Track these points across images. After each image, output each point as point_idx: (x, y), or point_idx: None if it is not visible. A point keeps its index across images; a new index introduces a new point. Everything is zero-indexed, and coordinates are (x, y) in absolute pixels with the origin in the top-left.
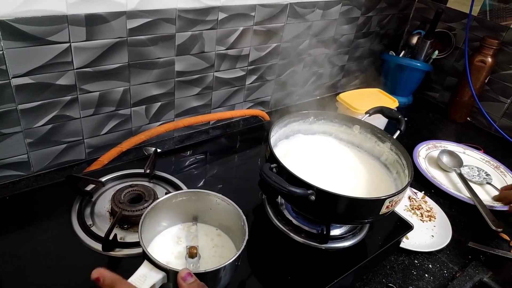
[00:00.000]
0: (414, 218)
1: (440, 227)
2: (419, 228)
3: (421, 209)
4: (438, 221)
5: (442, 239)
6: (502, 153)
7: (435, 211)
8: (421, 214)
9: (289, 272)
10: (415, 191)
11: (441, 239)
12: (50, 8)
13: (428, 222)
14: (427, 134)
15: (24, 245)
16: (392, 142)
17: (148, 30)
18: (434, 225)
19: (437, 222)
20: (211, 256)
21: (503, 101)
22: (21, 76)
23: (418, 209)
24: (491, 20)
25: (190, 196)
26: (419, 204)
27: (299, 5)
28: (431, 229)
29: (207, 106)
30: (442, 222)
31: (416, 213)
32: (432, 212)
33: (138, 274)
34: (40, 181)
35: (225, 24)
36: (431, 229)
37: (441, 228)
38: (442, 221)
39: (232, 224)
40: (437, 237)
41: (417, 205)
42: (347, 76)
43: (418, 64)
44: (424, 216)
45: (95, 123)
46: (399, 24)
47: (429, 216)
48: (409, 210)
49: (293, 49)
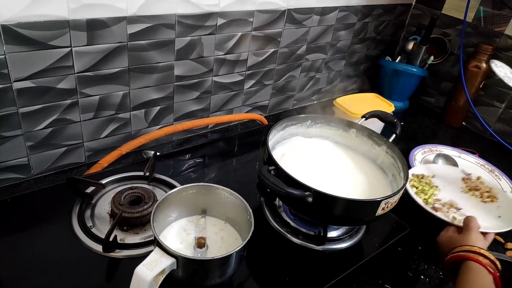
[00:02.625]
0: (474, 199)
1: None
2: (482, 210)
3: (479, 189)
4: (502, 201)
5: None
6: (497, 157)
7: (496, 192)
8: (480, 195)
9: (287, 273)
10: (468, 173)
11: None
12: (52, 13)
13: (491, 203)
14: (423, 138)
15: (25, 246)
16: (388, 145)
17: (148, 35)
18: (498, 206)
19: (501, 202)
20: (218, 247)
21: (497, 106)
22: (23, 80)
23: (477, 189)
24: (485, 26)
25: (200, 190)
26: (476, 185)
27: (296, 11)
28: (495, 209)
29: (206, 110)
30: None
31: (475, 194)
32: (492, 193)
33: (149, 259)
34: (40, 183)
35: (223, 29)
36: (495, 209)
37: (506, 209)
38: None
39: (239, 217)
40: (505, 218)
41: (473, 185)
42: (344, 81)
43: (414, 70)
44: (485, 197)
45: (95, 127)
46: (395, 30)
47: (490, 196)
48: (466, 192)
49: (291, 54)
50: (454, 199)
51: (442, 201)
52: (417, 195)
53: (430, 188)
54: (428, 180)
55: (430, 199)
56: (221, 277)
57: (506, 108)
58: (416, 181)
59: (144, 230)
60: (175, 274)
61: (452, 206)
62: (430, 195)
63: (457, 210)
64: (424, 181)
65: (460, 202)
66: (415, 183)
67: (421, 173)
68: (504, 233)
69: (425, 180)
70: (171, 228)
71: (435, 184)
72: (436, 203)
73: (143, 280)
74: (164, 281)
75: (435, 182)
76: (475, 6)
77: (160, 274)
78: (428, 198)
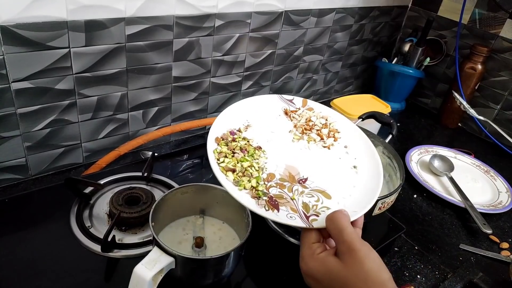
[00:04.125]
0: (314, 147)
1: (354, 148)
2: (333, 167)
3: (313, 126)
4: (345, 134)
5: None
6: (492, 158)
7: (333, 120)
8: (319, 136)
9: (284, 273)
10: (289, 99)
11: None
12: (50, 14)
13: (336, 145)
14: (419, 139)
15: (23, 247)
16: (385, 146)
17: (146, 36)
18: (346, 145)
19: (344, 138)
20: (216, 247)
21: (493, 107)
22: (21, 80)
23: (311, 128)
24: (481, 28)
25: (198, 190)
26: (307, 118)
27: (294, 13)
28: (344, 155)
29: (204, 111)
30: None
31: (312, 138)
32: (331, 128)
33: (148, 259)
34: (38, 184)
35: (221, 30)
36: (344, 155)
37: (355, 149)
38: (351, 134)
39: (237, 217)
40: (360, 169)
41: (304, 123)
42: (341, 82)
43: (410, 71)
44: (326, 137)
45: (93, 127)
46: (391, 32)
47: (331, 131)
48: (300, 139)
49: (288, 56)
50: (290, 163)
51: (277, 178)
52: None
53: (252, 159)
54: (239, 138)
55: (259, 187)
56: (219, 277)
57: (501, 109)
58: (222, 144)
59: (142, 230)
60: (173, 273)
61: (294, 180)
62: (256, 176)
63: (303, 187)
64: (235, 146)
65: (299, 166)
66: (223, 149)
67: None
68: (487, 226)
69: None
70: (169, 228)
71: (252, 144)
72: (271, 188)
73: (142, 279)
74: (163, 280)
75: (250, 136)
76: (471, 8)
77: (159, 273)
78: (256, 186)
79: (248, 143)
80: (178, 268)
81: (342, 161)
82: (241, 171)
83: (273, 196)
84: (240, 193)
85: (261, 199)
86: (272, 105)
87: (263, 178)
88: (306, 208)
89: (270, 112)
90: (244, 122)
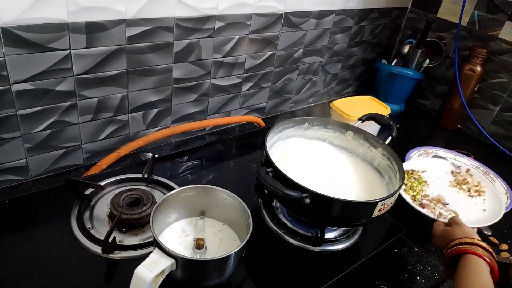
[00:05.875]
0: (461, 193)
1: (491, 201)
2: (468, 204)
3: (467, 183)
4: (489, 195)
5: (494, 214)
6: (492, 159)
7: (484, 185)
8: (468, 189)
9: (285, 274)
10: (457, 165)
11: (494, 214)
12: (51, 16)
13: (478, 197)
14: (419, 141)
15: (24, 248)
16: (384, 147)
17: (147, 38)
18: (484, 199)
19: (487, 196)
20: (216, 248)
21: (492, 108)
22: (22, 82)
23: (464, 183)
24: (480, 30)
25: (199, 191)
26: (464, 178)
27: (293, 15)
28: (481, 203)
29: (204, 112)
30: (492, 196)
31: (463, 188)
32: (480, 187)
33: (149, 260)
34: (39, 185)
35: (221, 32)
36: (481, 203)
37: (492, 202)
38: (493, 195)
39: (238, 218)
40: (489, 212)
41: (462, 179)
42: (340, 83)
43: (410, 73)
44: (472, 191)
45: (93, 129)
46: (391, 34)
47: (477, 191)
48: (454, 186)
49: (288, 57)
50: (442, 194)
51: (430, 197)
52: (405, 192)
53: (418, 184)
54: (417, 175)
55: (418, 196)
56: (219, 278)
57: (500, 111)
58: (405, 177)
59: (143, 231)
60: (174, 275)
61: (439, 201)
62: (418, 191)
63: (443, 206)
64: (414, 177)
65: (447, 197)
66: (405, 180)
67: (411, 169)
68: (487, 227)
69: (415, 175)
70: (170, 229)
71: (424, 179)
72: (424, 199)
73: (143, 281)
74: (163, 282)
75: (425, 176)
76: (470, 10)
77: (160, 275)
78: (416, 195)
79: (421, 179)
80: (179, 270)
81: (476, 205)
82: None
83: (423, 203)
84: (407, 196)
85: (416, 201)
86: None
87: (422, 195)
88: (439, 214)
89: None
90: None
